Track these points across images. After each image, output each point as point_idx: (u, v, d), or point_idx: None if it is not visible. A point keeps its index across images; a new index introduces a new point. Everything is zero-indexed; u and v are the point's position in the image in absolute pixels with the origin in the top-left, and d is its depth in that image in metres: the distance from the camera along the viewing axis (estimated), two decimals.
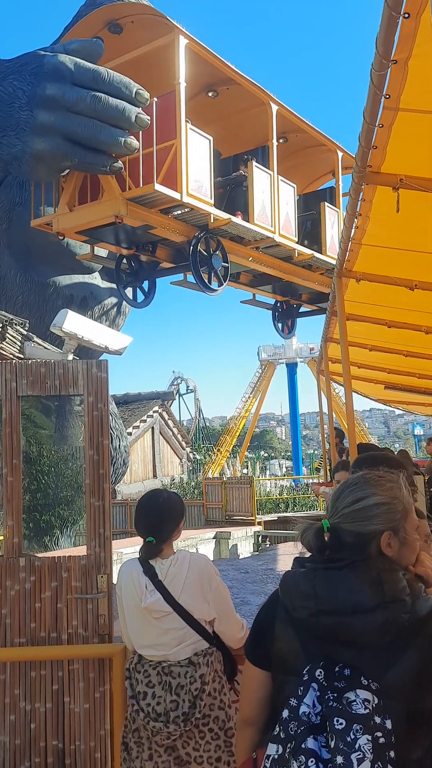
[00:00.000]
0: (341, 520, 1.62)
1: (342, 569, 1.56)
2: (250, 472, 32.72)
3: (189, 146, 9.21)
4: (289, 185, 11.62)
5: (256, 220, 10.60)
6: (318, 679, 1.48)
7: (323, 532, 1.62)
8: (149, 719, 2.54)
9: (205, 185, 9.62)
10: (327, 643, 1.53)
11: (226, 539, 15.31)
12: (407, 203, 3.27)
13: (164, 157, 9.03)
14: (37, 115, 8.57)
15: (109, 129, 8.43)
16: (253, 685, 1.71)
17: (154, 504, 2.73)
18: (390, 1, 2.05)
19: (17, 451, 3.51)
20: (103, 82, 8.42)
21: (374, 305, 6.08)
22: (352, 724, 1.39)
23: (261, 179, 10.76)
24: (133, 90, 8.50)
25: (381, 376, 10.83)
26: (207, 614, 2.62)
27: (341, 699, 1.43)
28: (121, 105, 8.38)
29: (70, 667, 3.33)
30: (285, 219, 11.33)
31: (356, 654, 1.49)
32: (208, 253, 10.32)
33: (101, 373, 3.56)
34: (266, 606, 1.74)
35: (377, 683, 1.45)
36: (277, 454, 66.92)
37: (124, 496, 20.91)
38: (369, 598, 1.49)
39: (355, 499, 1.63)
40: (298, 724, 1.46)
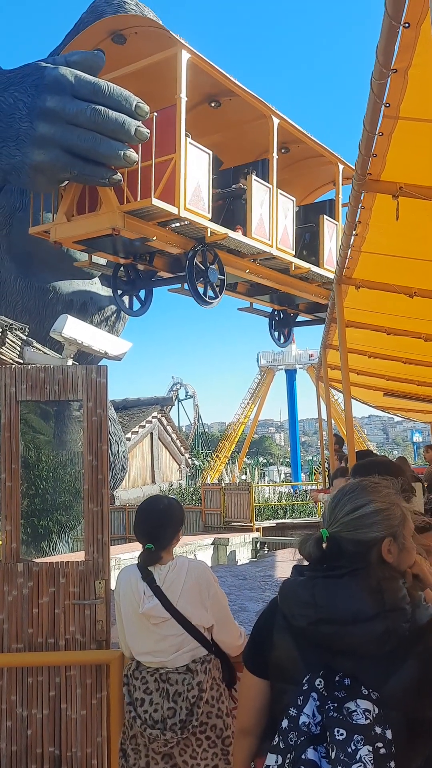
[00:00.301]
0: (341, 528, 1.61)
1: (342, 577, 1.55)
2: (249, 479, 32.68)
3: (188, 161, 9.25)
4: (288, 198, 11.65)
5: (253, 233, 10.65)
6: (318, 688, 1.47)
7: (323, 542, 1.61)
8: (146, 726, 2.53)
9: (204, 199, 9.65)
10: (326, 652, 1.52)
11: (224, 545, 15.28)
12: (407, 211, 3.29)
13: (163, 170, 9.06)
14: (37, 126, 8.61)
15: (109, 142, 8.48)
16: (252, 694, 1.70)
17: (154, 510, 2.71)
18: (390, 11, 2.06)
19: (16, 456, 3.51)
20: (103, 95, 8.45)
21: (373, 312, 6.09)
22: (353, 734, 1.38)
23: (260, 193, 10.80)
24: (133, 103, 8.53)
25: (380, 383, 10.84)
26: (205, 621, 2.61)
27: (342, 709, 1.42)
28: (121, 118, 8.43)
29: (68, 673, 3.32)
30: (283, 232, 11.36)
31: (356, 663, 1.48)
32: (204, 265, 10.35)
33: (100, 378, 3.56)
34: (265, 614, 1.72)
35: (377, 693, 1.44)
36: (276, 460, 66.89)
37: (122, 502, 20.89)
38: (369, 607, 1.48)
39: (354, 507, 1.62)
40: (298, 734, 1.44)
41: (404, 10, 2.05)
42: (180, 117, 9.10)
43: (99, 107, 8.37)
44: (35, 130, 8.61)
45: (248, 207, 10.59)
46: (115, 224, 9.03)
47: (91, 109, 8.34)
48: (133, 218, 9.21)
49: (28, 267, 14.16)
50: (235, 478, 31.33)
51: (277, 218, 11.13)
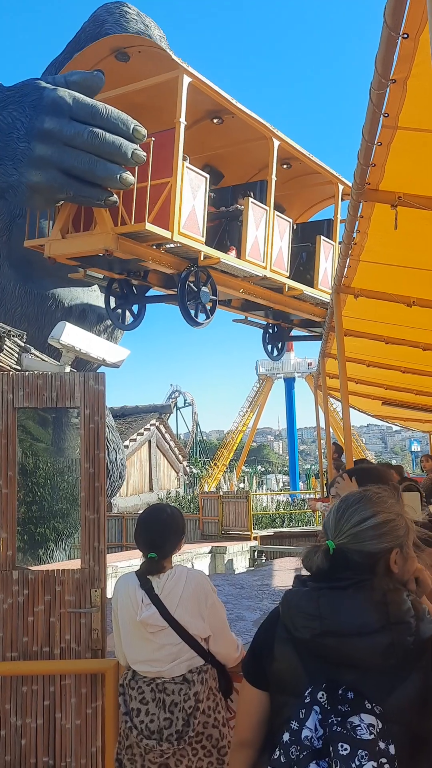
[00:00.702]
0: (348, 540, 1.58)
1: (346, 589, 1.52)
2: (247, 487, 32.62)
3: (184, 185, 9.30)
4: (285, 220, 11.70)
5: (248, 255, 10.70)
6: (320, 701, 1.45)
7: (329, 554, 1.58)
8: (142, 737, 2.51)
9: (199, 222, 9.70)
10: (330, 665, 1.49)
11: (221, 554, 15.23)
12: (405, 220, 3.29)
13: (159, 193, 9.11)
14: (35, 147, 8.67)
15: (105, 164, 8.55)
16: (251, 706, 1.66)
17: (157, 520, 2.70)
18: (389, 22, 2.07)
19: (12, 463, 3.50)
20: (101, 117, 8.51)
21: (372, 321, 6.10)
22: (357, 749, 1.36)
23: (256, 215, 10.87)
24: (131, 126, 8.59)
25: (378, 392, 10.84)
26: (202, 631, 2.60)
27: (345, 723, 1.40)
28: (118, 141, 8.48)
29: (62, 682, 3.29)
30: (278, 254, 11.42)
31: (359, 676, 1.46)
32: (197, 286, 10.40)
33: (98, 385, 3.56)
34: (265, 625, 1.69)
35: (380, 707, 1.42)
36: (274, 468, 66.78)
37: (120, 510, 20.83)
38: (374, 620, 1.47)
39: (361, 518, 1.59)
40: (300, 748, 1.42)
41: (403, 20, 2.06)
42: (178, 141, 9.16)
43: (96, 130, 8.43)
44: (32, 151, 8.68)
45: (244, 229, 10.66)
46: (107, 246, 9.09)
47: (89, 132, 8.42)
48: (127, 240, 9.28)
49: (27, 274, 14.18)
50: (233, 487, 31.28)
51: (273, 240, 11.20)
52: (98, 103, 8.57)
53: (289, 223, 11.76)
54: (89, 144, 8.39)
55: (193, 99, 9.58)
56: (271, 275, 11.22)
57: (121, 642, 2.67)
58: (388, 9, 2.04)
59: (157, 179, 9.02)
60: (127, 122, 8.55)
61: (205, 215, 9.79)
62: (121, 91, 9.89)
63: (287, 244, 11.64)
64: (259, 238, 10.93)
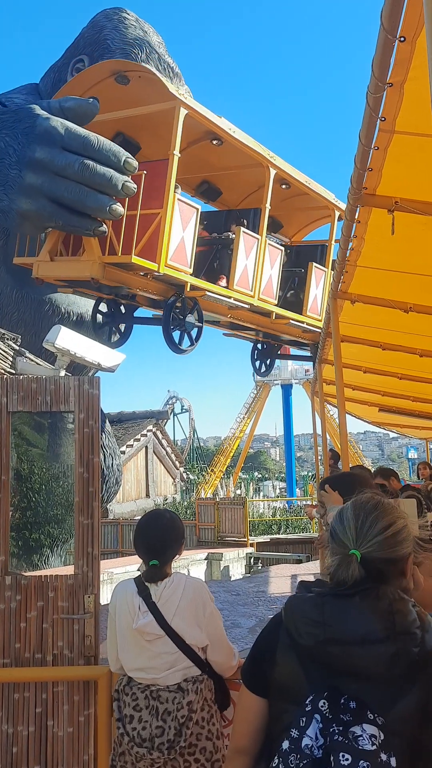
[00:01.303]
0: (374, 548, 1.54)
1: (353, 597, 1.50)
2: (244, 493, 32.57)
3: (174, 217, 9.35)
4: (277, 248, 11.74)
5: (236, 284, 10.73)
6: (321, 710, 1.42)
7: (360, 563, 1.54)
8: (133, 744, 2.48)
9: (187, 254, 9.74)
10: (332, 673, 1.47)
11: (218, 560, 15.19)
12: (402, 225, 3.28)
13: (148, 223, 9.15)
14: (25, 176, 8.72)
15: (95, 195, 8.59)
16: (249, 713, 1.63)
17: (158, 526, 2.67)
18: (386, 25, 2.06)
19: (6, 468, 3.47)
20: (93, 149, 8.56)
21: (369, 327, 6.09)
22: (359, 760, 1.33)
23: (248, 244, 10.91)
24: (122, 159, 8.64)
25: (375, 399, 10.84)
26: (199, 640, 2.57)
27: (347, 733, 1.37)
28: (109, 173, 8.53)
29: (55, 689, 3.26)
30: (267, 282, 11.45)
31: (362, 686, 1.44)
32: (183, 313, 10.43)
33: (93, 389, 3.54)
34: (267, 630, 1.66)
35: (382, 718, 1.40)
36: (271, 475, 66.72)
37: (116, 516, 20.76)
38: (379, 629, 1.44)
39: (385, 525, 1.57)
40: (300, 757, 1.39)
41: (400, 24, 2.05)
42: (171, 173, 9.22)
43: (87, 161, 8.47)
44: (23, 179, 8.73)
45: (234, 258, 10.69)
46: (94, 274, 9.11)
47: (80, 163, 8.46)
48: (114, 268, 9.32)
49: (24, 278, 14.13)
50: (230, 493, 31.23)
51: (263, 269, 11.25)
52: (90, 135, 8.62)
53: (281, 251, 11.83)
54: (80, 175, 8.46)
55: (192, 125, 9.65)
56: (258, 304, 11.31)
57: (117, 648, 2.64)
58: (385, 12, 2.03)
59: (147, 209, 9.07)
60: (119, 154, 8.62)
61: (194, 246, 9.85)
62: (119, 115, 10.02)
63: (278, 272, 11.70)
64: (249, 267, 10.99)
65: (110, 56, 13.36)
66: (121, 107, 9.92)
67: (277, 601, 9.40)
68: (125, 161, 8.58)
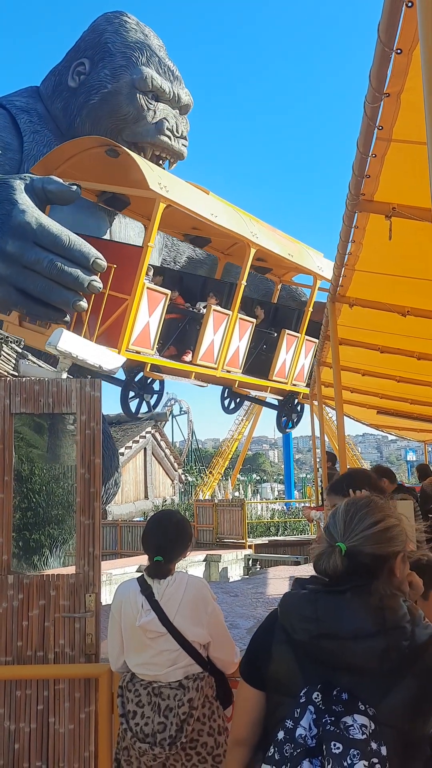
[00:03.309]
0: (360, 542, 1.59)
1: (345, 593, 1.55)
2: (242, 495, 32.59)
3: (141, 304, 9.51)
4: (248, 321, 11.88)
5: (200, 359, 10.91)
6: (315, 702, 1.48)
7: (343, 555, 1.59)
8: (136, 739, 2.53)
9: (151, 337, 9.89)
10: (326, 667, 1.52)
11: (216, 562, 15.22)
12: (399, 231, 3.34)
13: (116, 305, 9.30)
14: None
15: (61, 290, 8.78)
16: (248, 705, 1.69)
17: (168, 525, 2.75)
18: (383, 37, 2.12)
19: (9, 468, 3.52)
20: (63, 247, 8.76)
21: (367, 330, 6.14)
22: (350, 749, 1.39)
23: (217, 321, 11.07)
24: (91, 259, 8.81)
25: (373, 401, 10.89)
26: (201, 638, 2.62)
27: (339, 723, 1.43)
28: (75, 273, 8.70)
29: (56, 686, 3.30)
30: (233, 354, 11.60)
31: (354, 679, 1.49)
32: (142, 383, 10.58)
33: (94, 392, 3.59)
34: (264, 626, 1.72)
35: (374, 709, 1.45)
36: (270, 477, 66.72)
37: (115, 517, 20.79)
38: (370, 624, 1.49)
39: (374, 521, 1.62)
40: (294, 746, 1.45)
41: (396, 36, 2.11)
42: (144, 264, 9.41)
43: (56, 260, 8.67)
44: None
45: (201, 335, 10.85)
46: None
47: (48, 261, 8.67)
48: None
49: None
50: (228, 495, 31.24)
51: (230, 343, 11.39)
52: (62, 233, 8.81)
53: (252, 324, 11.96)
54: (47, 272, 8.67)
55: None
56: (221, 375, 11.47)
57: (122, 646, 2.69)
58: (382, 25, 2.09)
59: (116, 291, 9.24)
60: (88, 255, 8.80)
61: (159, 329, 10.01)
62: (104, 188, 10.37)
63: (246, 343, 11.84)
64: (216, 342, 11.17)
65: (111, 59, 13.44)
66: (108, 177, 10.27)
67: (275, 602, 9.40)
68: (94, 262, 8.78)
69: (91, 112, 13.44)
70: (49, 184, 9.13)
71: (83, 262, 8.72)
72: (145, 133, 13.28)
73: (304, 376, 13.51)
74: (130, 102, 13.14)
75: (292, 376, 13.11)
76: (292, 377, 13.11)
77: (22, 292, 8.83)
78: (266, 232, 12.12)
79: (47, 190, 9.10)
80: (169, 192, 9.54)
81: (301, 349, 13.12)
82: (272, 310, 13.52)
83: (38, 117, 14.09)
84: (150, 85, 13.16)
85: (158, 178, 9.61)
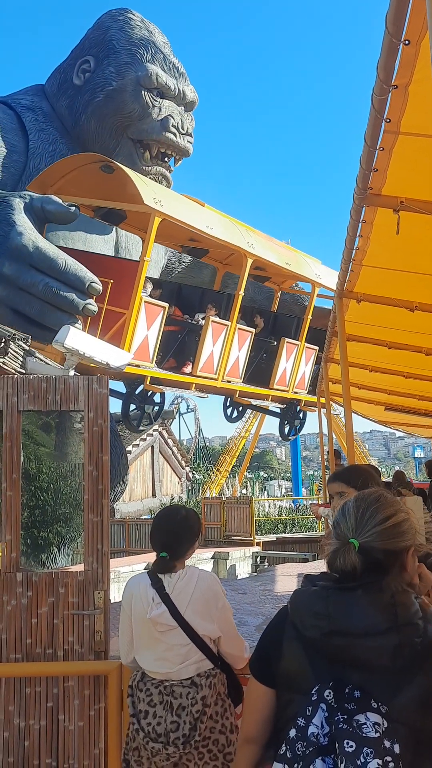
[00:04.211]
0: (373, 538, 1.58)
1: (356, 590, 1.54)
2: (249, 493, 32.58)
3: (140, 318, 9.54)
4: (247, 330, 11.90)
5: (200, 370, 10.92)
6: (327, 699, 1.47)
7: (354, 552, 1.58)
8: (149, 739, 2.51)
9: (150, 349, 9.93)
10: (337, 664, 1.51)
11: (224, 559, 15.22)
12: (407, 225, 3.32)
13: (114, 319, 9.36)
14: None
15: (56, 313, 8.85)
16: (258, 703, 1.68)
17: (171, 520, 2.75)
18: (391, 28, 2.10)
19: (17, 466, 3.52)
20: (59, 271, 8.81)
21: (375, 326, 6.12)
22: (363, 747, 1.38)
23: (216, 332, 11.09)
24: (86, 283, 8.85)
25: (381, 398, 10.85)
26: (211, 632, 2.61)
27: (351, 721, 1.41)
28: (70, 296, 8.76)
29: (66, 684, 3.30)
30: (233, 364, 11.62)
31: (366, 676, 1.48)
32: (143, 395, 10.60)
33: (102, 389, 3.58)
34: (274, 623, 1.71)
35: (386, 707, 1.44)
36: (277, 474, 66.66)
37: (122, 515, 20.83)
38: (382, 621, 1.48)
39: (385, 516, 1.60)
40: (306, 744, 1.44)
41: (404, 27, 2.08)
42: (141, 278, 9.46)
43: (52, 283, 8.73)
44: None
45: (200, 345, 10.86)
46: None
47: (44, 284, 8.73)
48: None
49: None
50: (236, 492, 31.24)
51: (230, 353, 11.41)
52: (58, 257, 8.85)
53: (251, 333, 11.97)
54: (42, 294, 8.74)
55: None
56: (222, 386, 11.48)
57: (131, 642, 2.68)
58: (390, 16, 2.06)
59: (114, 304, 9.30)
60: (84, 279, 8.84)
61: (158, 342, 10.06)
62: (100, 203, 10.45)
63: (246, 353, 11.86)
64: (215, 352, 11.19)
65: (115, 57, 13.42)
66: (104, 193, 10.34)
67: (283, 599, 9.42)
68: (89, 286, 8.82)
69: (96, 110, 13.43)
70: (48, 204, 9.21)
71: (79, 285, 8.80)
72: (150, 130, 13.26)
73: (305, 384, 13.55)
74: (135, 99, 13.12)
75: (293, 384, 13.14)
76: (293, 385, 13.15)
77: (18, 313, 8.90)
78: (263, 242, 12.19)
79: (46, 210, 9.19)
80: (163, 206, 9.63)
81: (302, 357, 13.16)
82: (271, 318, 13.60)
83: (44, 115, 14.09)
84: (155, 82, 13.14)
85: (153, 193, 9.69)
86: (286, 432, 14.52)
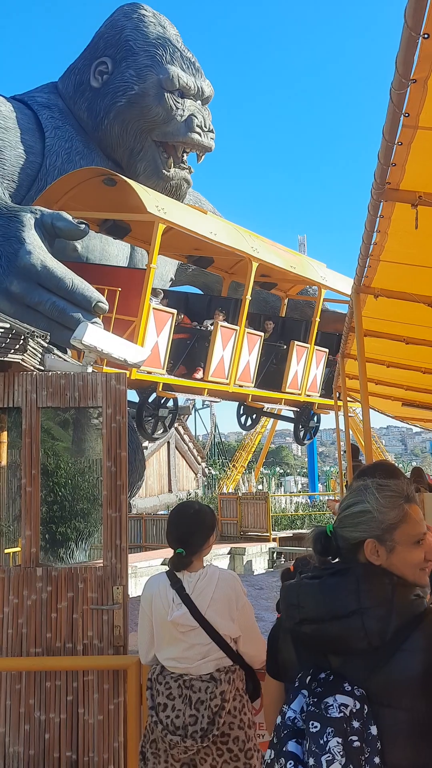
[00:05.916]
0: (337, 525, 1.67)
1: (323, 577, 1.60)
2: (265, 488, 32.56)
3: (149, 325, 9.57)
4: (256, 335, 11.88)
5: (211, 375, 10.91)
6: (308, 685, 1.54)
7: (323, 537, 1.66)
8: (167, 732, 2.53)
9: (161, 356, 9.95)
10: (316, 651, 1.58)
11: (240, 555, 15.23)
12: (426, 220, 3.29)
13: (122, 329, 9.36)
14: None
15: (61, 331, 8.88)
16: (272, 697, 1.77)
17: (185, 515, 2.75)
18: (410, 22, 2.08)
19: (36, 462, 3.55)
20: (66, 290, 8.92)
21: (392, 321, 6.08)
22: (326, 727, 1.44)
23: (225, 337, 11.09)
24: (93, 303, 8.95)
25: (398, 393, 10.78)
26: (232, 631, 2.62)
27: (320, 704, 1.48)
28: (77, 316, 8.84)
29: (85, 678, 3.34)
30: (244, 368, 11.61)
31: (342, 660, 1.54)
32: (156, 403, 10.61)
33: (120, 385, 3.60)
34: (277, 619, 1.79)
35: (362, 689, 1.49)
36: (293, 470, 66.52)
37: (139, 510, 20.91)
38: (343, 605, 1.53)
39: (347, 504, 1.68)
40: (284, 728, 1.52)
41: (424, 21, 2.07)
42: (148, 286, 9.47)
43: (58, 302, 8.86)
44: None
45: (210, 350, 10.86)
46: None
47: (51, 303, 8.86)
48: None
49: None
50: (252, 488, 31.24)
51: (240, 358, 11.40)
52: (66, 277, 8.95)
53: (260, 337, 11.95)
54: (49, 313, 8.87)
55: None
56: (234, 390, 11.46)
57: (152, 640, 2.69)
58: (409, 9, 2.05)
59: (123, 313, 9.36)
60: (90, 299, 8.92)
61: (168, 348, 10.07)
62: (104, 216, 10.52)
63: (256, 357, 11.83)
64: (226, 357, 11.17)
65: (134, 59, 13.40)
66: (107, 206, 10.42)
67: None
68: (96, 305, 8.90)
69: (119, 115, 13.42)
70: (58, 221, 9.32)
71: (85, 305, 8.90)
72: (176, 132, 13.24)
73: (318, 387, 13.51)
74: (159, 103, 13.10)
75: (305, 387, 13.11)
76: (306, 388, 13.12)
77: None
78: (267, 246, 12.17)
79: (56, 227, 9.31)
80: (166, 214, 9.67)
81: (312, 360, 13.13)
82: (280, 323, 13.58)
83: (59, 112, 14.10)
84: (177, 84, 13.11)
85: (155, 201, 9.73)
86: (302, 436, 14.49)
